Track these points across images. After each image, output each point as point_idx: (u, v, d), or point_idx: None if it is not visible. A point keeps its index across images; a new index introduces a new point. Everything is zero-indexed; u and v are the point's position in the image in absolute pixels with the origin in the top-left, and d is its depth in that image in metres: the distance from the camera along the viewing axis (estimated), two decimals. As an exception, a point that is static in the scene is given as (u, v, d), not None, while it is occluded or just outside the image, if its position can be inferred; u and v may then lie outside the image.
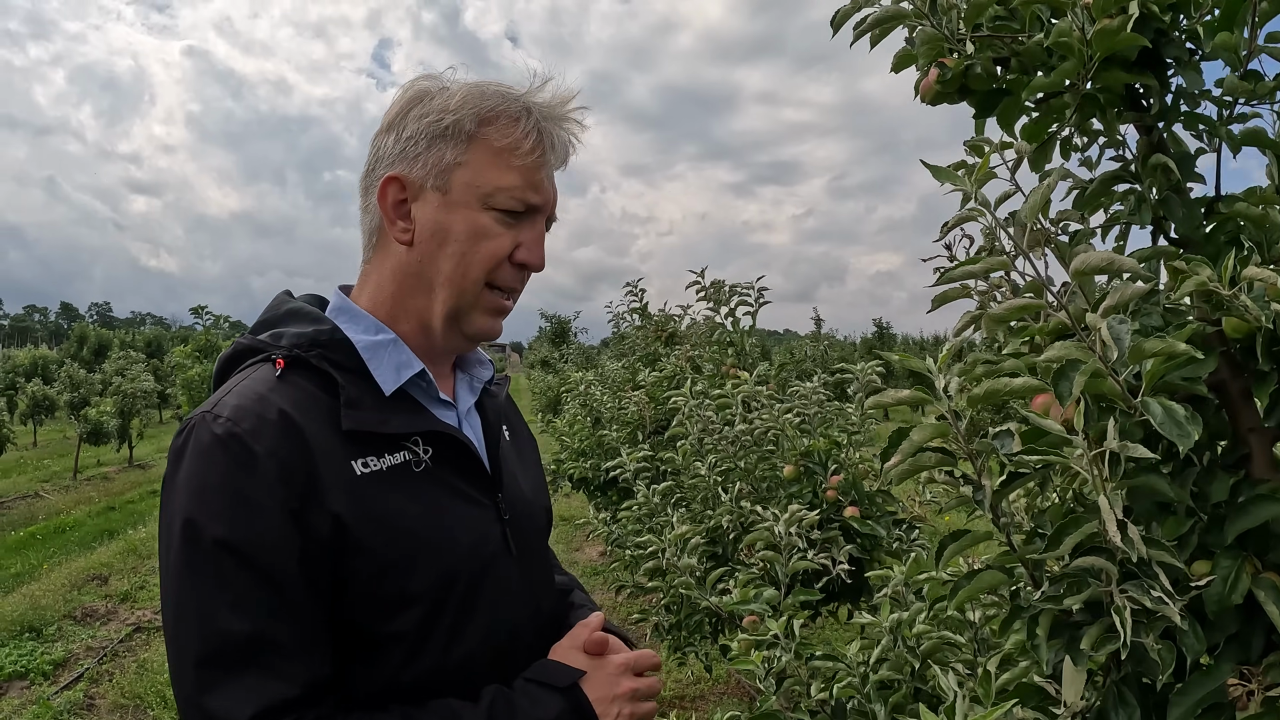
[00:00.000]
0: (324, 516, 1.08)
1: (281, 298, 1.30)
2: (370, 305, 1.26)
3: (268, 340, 1.20)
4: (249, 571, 1.04)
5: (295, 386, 1.14)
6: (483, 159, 1.20)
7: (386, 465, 1.15)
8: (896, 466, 1.19)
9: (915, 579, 2.24)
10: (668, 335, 6.40)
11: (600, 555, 8.31)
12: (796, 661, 2.03)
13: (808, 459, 3.27)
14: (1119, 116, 1.50)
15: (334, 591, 1.10)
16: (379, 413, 1.16)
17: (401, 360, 1.22)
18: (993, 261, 1.09)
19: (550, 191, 1.26)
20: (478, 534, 1.22)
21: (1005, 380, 1.15)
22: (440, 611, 1.16)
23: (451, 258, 1.20)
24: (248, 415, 1.09)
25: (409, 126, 1.21)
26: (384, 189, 1.22)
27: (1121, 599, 1.09)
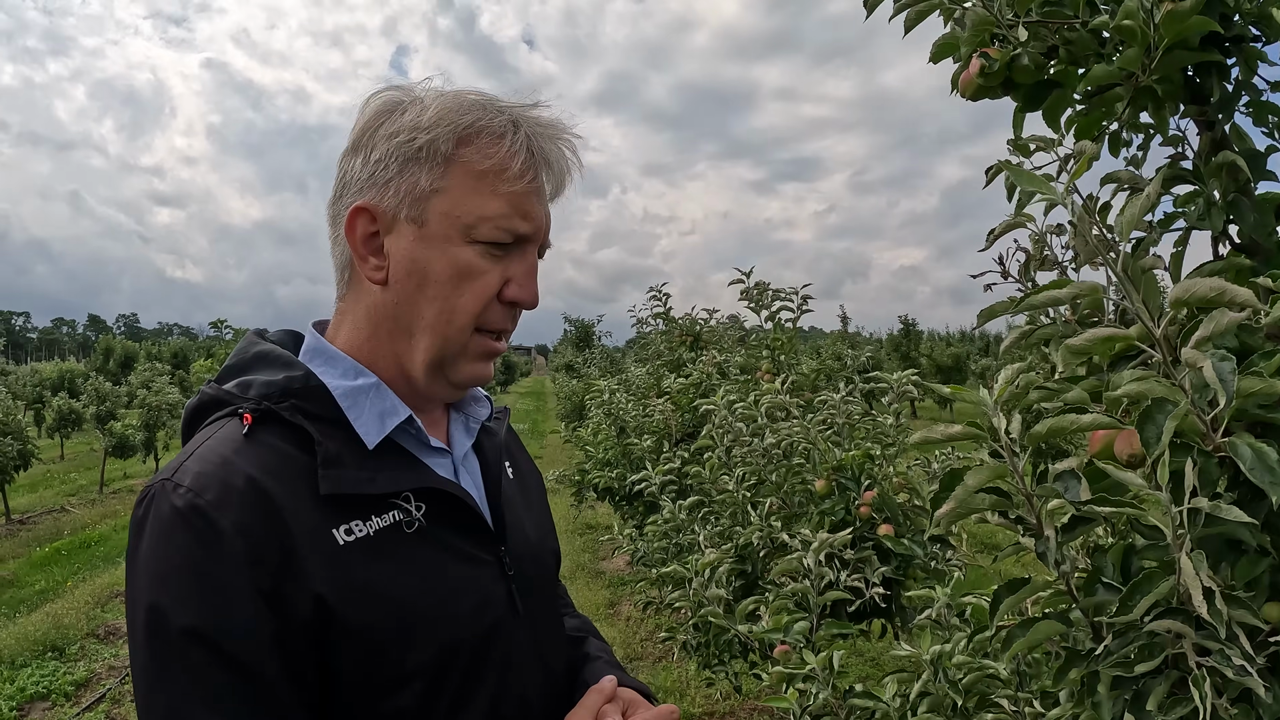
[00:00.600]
0: (303, 597, 0.95)
1: (250, 339, 1.16)
2: (348, 346, 1.12)
3: (234, 390, 1.07)
4: (221, 663, 0.92)
5: (265, 446, 1.01)
6: (463, 184, 1.05)
7: (374, 530, 1.02)
8: (948, 514, 1.07)
9: (958, 601, 2.13)
10: (693, 339, 6.29)
11: (627, 565, 8.21)
12: (834, 696, 1.91)
13: (840, 473, 3.15)
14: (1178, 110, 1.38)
15: (320, 677, 0.98)
16: (362, 470, 1.03)
17: (385, 407, 1.08)
18: (1082, 286, 0.97)
19: (542, 217, 1.11)
20: (480, 597, 1.10)
21: (1072, 418, 1.03)
22: (441, 687, 1.03)
23: (433, 301, 1.06)
24: (211, 484, 0.96)
25: (378, 147, 1.07)
26: (352, 221, 1.08)
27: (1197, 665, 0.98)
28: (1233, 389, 0.86)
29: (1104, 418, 1.03)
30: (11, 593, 8.58)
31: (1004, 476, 1.07)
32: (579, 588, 7.91)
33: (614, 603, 7.43)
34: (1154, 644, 1.03)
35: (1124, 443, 1.18)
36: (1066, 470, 1.08)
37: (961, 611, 2.16)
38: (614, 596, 7.57)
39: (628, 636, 6.48)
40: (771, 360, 4.75)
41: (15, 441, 11.67)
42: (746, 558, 3.27)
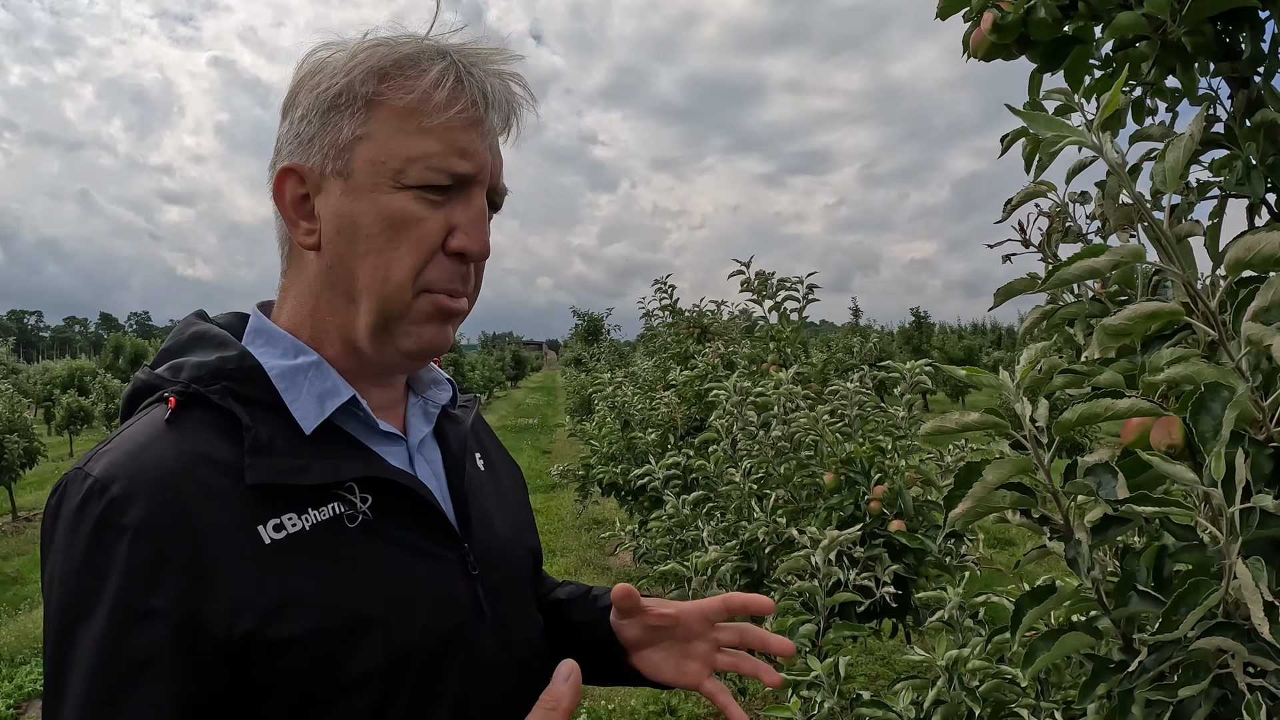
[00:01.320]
0: (219, 608, 0.83)
1: (189, 320, 1.05)
2: (290, 324, 1.01)
3: (166, 374, 0.96)
4: (119, 685, 0.81)
5: (187, 433, 0.90)
6: (387, 126, 0.94)
7: (310, 524, 0.90)
8: (964, 513, 0.94)
9: (971, 601, 2.01)
10: (700, 332, 6.18)
11: (634, 562, 8.12)
12: (840, 705, 1.79)
13: (849, 467, 3.02)
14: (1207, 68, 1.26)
15: (246, 697, 0.86)
16: (298, 458, 0.92)
17: (326, 388, 0.96)
18: (1123, 252, 0.83)
19: (484, 154, 0.97)
20: (437, 598, 0.97)
21: (1106, 403, 0.90)
22: (392, 698, 0.91)
23: (366, 258, 0.94)
24: (120, 475, 0.85)
25: (301, 103, 0.96)
26: (279, 185, 0.98)
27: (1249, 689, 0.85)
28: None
29: (1143, 402, 0.90)
30: (15, 590, 8.54)
31: (1028, 471, 0.95)
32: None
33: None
34: (1199, 664, 0.91)
35: (1162, 432, 1.05)
36: (1099, 464, 0.96)
37: (975, 613, 2.04)
38: (621, 593, 7.48)
39: (634, 634, 6.38)
40: (778, 351, 4.64)
41: (21, 439, 11.63)
42: (752, 555, 3.15)
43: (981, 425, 0.97)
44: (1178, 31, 1.14)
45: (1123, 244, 0.83)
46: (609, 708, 5.15)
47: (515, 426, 23.06)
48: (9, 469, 11.47)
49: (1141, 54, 1.28)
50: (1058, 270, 0.86)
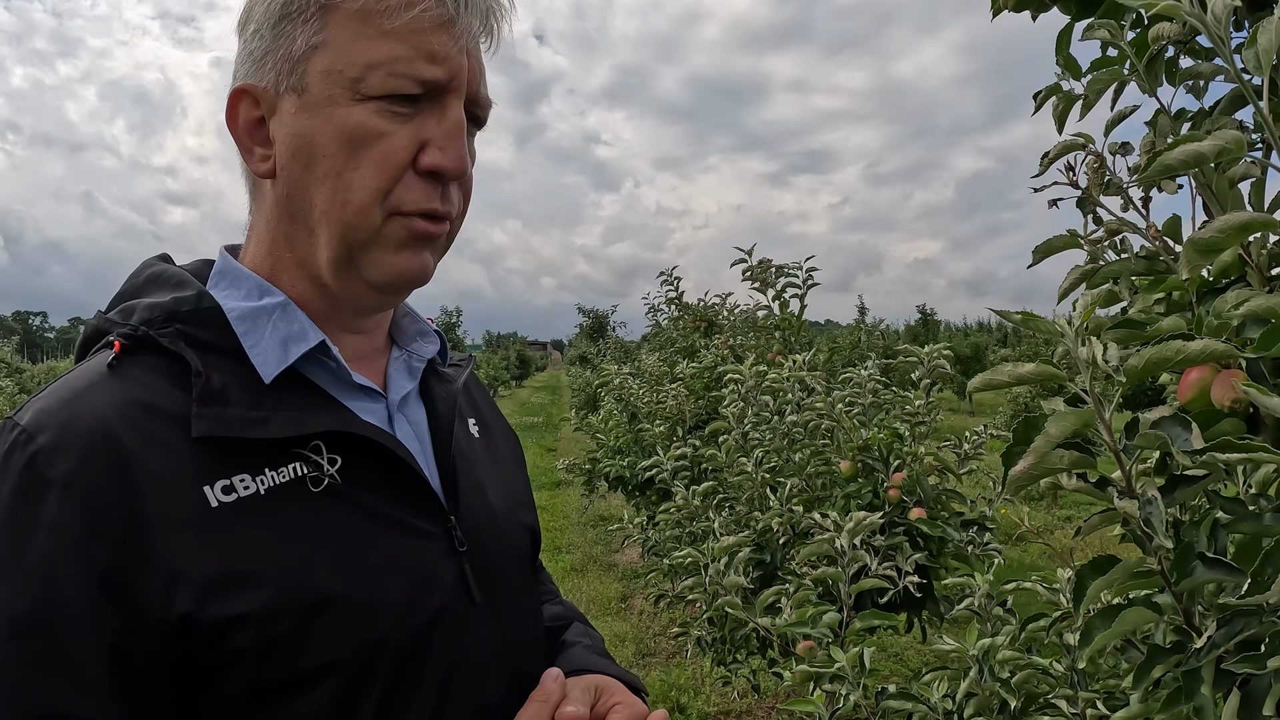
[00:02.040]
0: (156, 578, 0.73)
1: (149, 261, 0.94)
2: (253, 263, 0.91)
3: (116, 318, 0.86)
4: (35, 664, 0.71)
5: (131, 380, 0.80)
6: (344, 31, 0.82)
7: (265, 486, 0.80)
8: (1026, 471, 0.84)
9: (1000, 590, 1.91)
10: (707, 325, 6.10)
11: (640, 558, 8.04)
12: (866, 699, 1.70)
13: (866, 454, 2.93)
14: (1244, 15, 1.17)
15: (184, 685, 0.75)
16: (254, 409, 0.81)
17: (291, 331, 0.85)
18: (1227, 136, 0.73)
19: (458, 58, 0.85)
20: (417, 577, 0.86)
21: (1177, 345, 0.81)
22: (361, 691, 0.80)
23: (323, 181, 0.83)
24: (48, 425, 0.75)
25: (253, 19, 0.86)
26: (232, 108, 0.87)
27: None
28: None
29: (1218, 344, 0.81)
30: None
31: (1090, 424, 0.85)
32: (591, 581, 7.71)
33: (626, 596, 7.24)
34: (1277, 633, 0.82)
35: (1224, 387, 0.97)
36: (1167, 417, 0.86)
37: (1004, 601, 1.95)
38: (626, 590, 7.38)
39: (640, 632, 6.29)
40: (782, 341, 4.56)
41: (23, 437, 11.63)
42: (765, 546, 3.06)
43: (1037, 376, 0.88)
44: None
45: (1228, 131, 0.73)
46: (617, 705, 5.05)
47: (520, 425, 23.02)
48: (11, 467, 11.47)
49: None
50: (1159, 155, 0.76)
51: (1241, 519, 0.95)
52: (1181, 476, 0.89)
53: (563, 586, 7.51)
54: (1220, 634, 0.91)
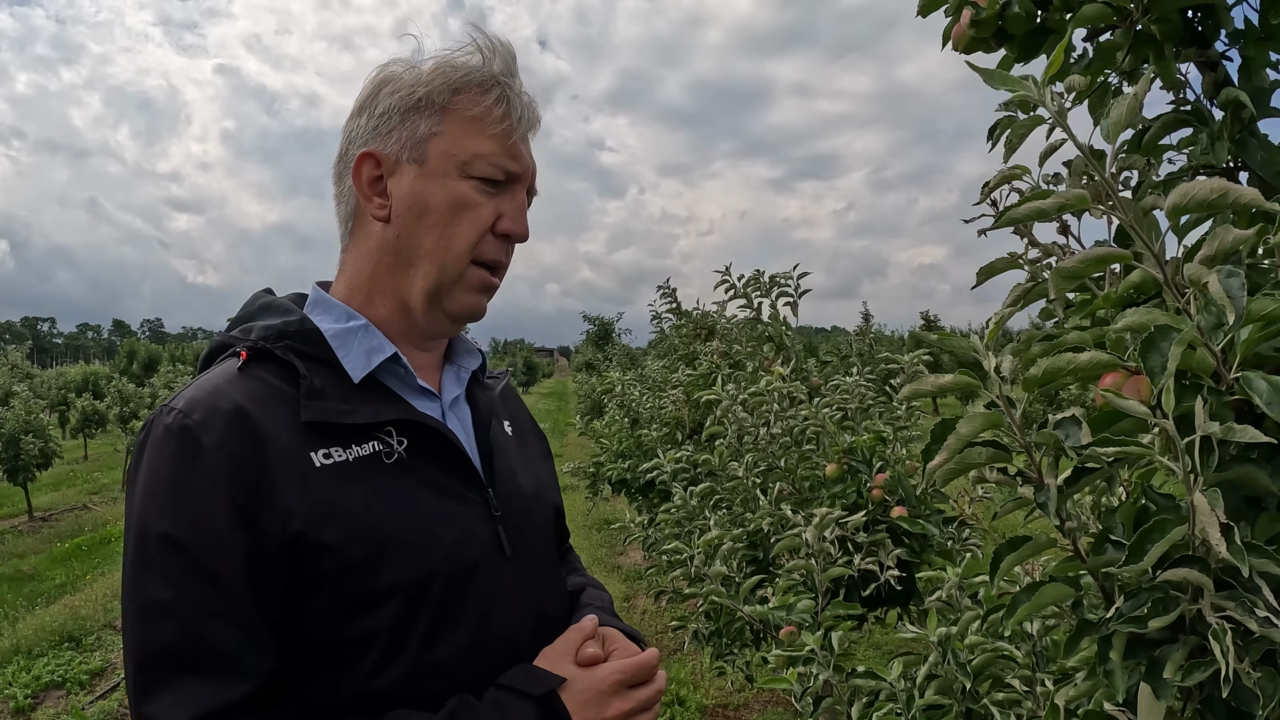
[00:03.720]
0: (275, 514, 1.02)
1: (258, 295, 1.26)
2: (345, 293, 1.22)
3: (238, 335, 1.16)
4: (192, 570, 0.99)
5: (256, 379, 1.10)
6: (458, 128, 1.16)
7: (353, 457, 1.09)
8: (941, 466, 1.00)
9: (970, 582, 2.05)
10: (707, 332, 6.22)
11: (644, 559, 8.17)
12: (837, 677, 1.84)
13: (851, 456, 3.07)
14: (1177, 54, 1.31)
15: (291, 593, 1.03)
16: (344, 402, 1.11)
17: (372, 345, 1.16)
18: (1070, 195, 0.89)
19: (529, 160, 1.22)
20: (460, 531, 1.14)
21: (1068, 357, 0.96)
22: (414, 615, 1.07)
23: (433, 230, 1.16)
24: (199, 407, 1.04)
25: (380, 104, 1.18)
26: (359, 166, 1.18)
27: (1218, 620, 0.90)
28: (1242, 305, 0.79)
29: (1103, 355, 0.95)
30: (32, 586, 8.64)
31: (999, 425, 1.00)
32: (596, 582, 7.85)
33: (630, 596, 7.39)
34: (1169, 599, 0.96)
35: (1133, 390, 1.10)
36: (1067, 417, 1.01)
37: (974, 593, 2.09)
38: (630, 590, 7.53)
39: (643, 629, 6.43)
40: (776, 349, 4.68)
41: (37, 440, 11.77)
42: (758, 544, 3.20)
43: (955, 385, 1.03)
44: (1144, 20, 1.19)
45: (1071, 190, 0.89)
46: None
47: (526, 431, 23.04)
48: (25, 469, 11.61)
49: (1115, 43, 1.33)
50: (1006, 212, 0.92)
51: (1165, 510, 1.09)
52: (1084, 469, 1.04)
53: (567, 588, 7.64)
54: (1128, 605, 1.05)
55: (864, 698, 1.83)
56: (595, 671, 1.13)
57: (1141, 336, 0.89)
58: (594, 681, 1.12)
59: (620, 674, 1.14)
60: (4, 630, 7.14)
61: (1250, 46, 1.27)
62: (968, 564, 2.13)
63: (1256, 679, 0.91)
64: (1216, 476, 0.90)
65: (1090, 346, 1.00)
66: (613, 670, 1.14)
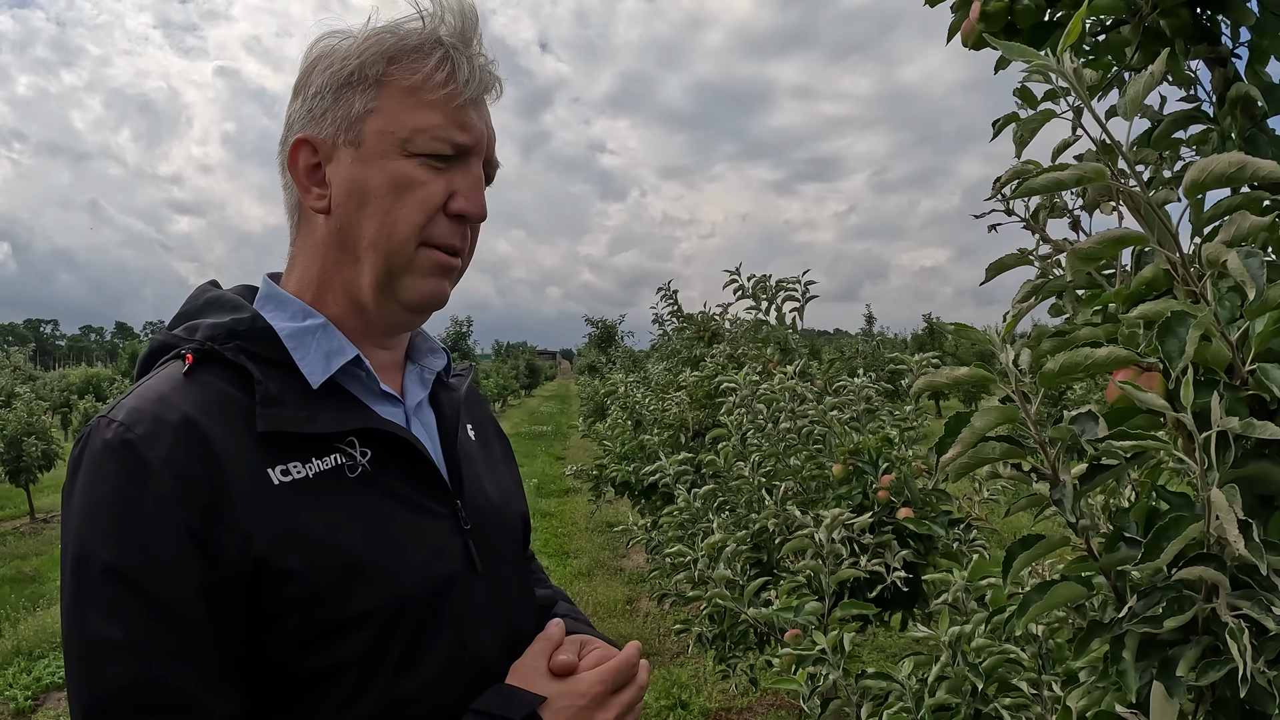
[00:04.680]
0: (233, 537, 0.91)
1: (203, 288, 1.14)
2: (297, 288, 1.10)
3: (181, 334, 1.05)
4: (142, 604, 0.89)
5: (204, 385, 0.99)
6: (396, 102, 1.04)
7: (313, 472, 0.99)
8: (955, 460, 0.99)
9: (977, 584, 2.04)
10: (710, 335, 6.22)
11: (647, 561, 8.16)
12: (846, 679, 1.83)
13: (857, 457, 3.06)
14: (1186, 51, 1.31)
15: (254, 624, 0.94)
16: (304, 409, 1.00)
17: (332, 347, 1.05)
18: (1088, 168, 0.88)
19: (481, 129, 1.09)
20: (431, 548, 1.05)
21: (1085, 352, 0.95)
22: (388, 641, 0.99)
23: (374, 216, 1.04)
24: (143, 419, 0.93)
25: (314, 83, 1.07)
26: (294, 155, 1.07)
27: (1234, 619, 0.89)
28: (1263, 282, 0.78)
29: (1120, 350, 0.95)
30: (34, 588, 8.63)
31: (1014, 419, 0.99)
32: (598, 585, 7.84)
33: (632, 599, 7.37)
34: (1183, 598, 0.95)
35: (1147, 387, 1.09)
36: (1083, 413, 1.00)
37: (981, 595, 2.08)
38: (633, 593, 7.52)
39: (646, 632, 6.42)
40: (780, 351, 4.69)
41: (40, 442, 11.77)
42: (762, 545, 3.19)
43: (970, 377, 1.02)
44: (1153, 15, 1.18)
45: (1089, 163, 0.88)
46: (621, 703, 5.18)
47: (530, 434, 23.13)
48: (28, 470, 11.61)
49: (1124, 39, 1.33)
50: (1025, 181, 0.91)
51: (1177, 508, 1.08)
52: (1100, 466, 1.03)
53: (570, 590, 7.64)
54: (1141, 604, 1.04)
55: (872, 699, 1.82)
56: (575, 684, 1.06)
57: (1157, 325, 0.88)
58: (575, 695, 1.05)
59: (601, 684, 1.06)
60: (5, 631, 7.12)
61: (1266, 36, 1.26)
62: (974, 565, 2.12)
63: (1272, 678, 0.91)
64: (1232, 473, 0.89)
65: (1104, 341, 1.00)
66: (593, 682, 1.06)
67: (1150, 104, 1.46)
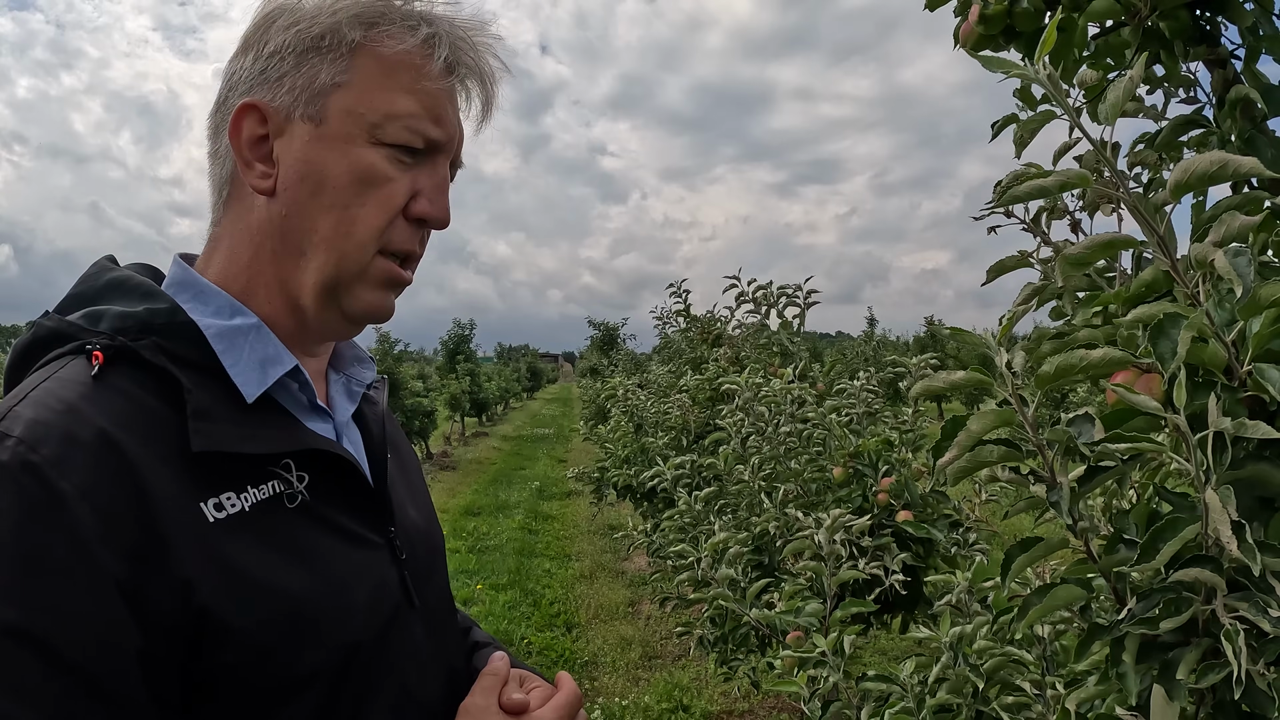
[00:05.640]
0: (167, 584, 0.75)
1: (102, 264, 0.94)
2: (221, 278, 0.93)
3: (81, 323, 0.86)
4: (57, 675, 0.70)
5: (118, 393, 0.80)
6: (370, 77, 0.89)
7: (250, 504, 0.83)
8: (952, 463, 0.99)
9: (980, 586, 2.04)
10: (714, 337, 6.23)
11: (649, 564, 8.17)
12: (846, 682, 1.83)
13: (857, 460, 3.07)
14: (1186, 53, 1.31)
15: (192, 692, 0.78)
16: (238, 426, 0.84)
17: (268, 354, 0.89)
18: (1071, 173, 0.88)
19: (456, 125, 0.96)
20: (373, 585, 0.92)
21: (1081, 354, 0.95)
22: (339, 694, 0.85)
23: (329, 210, 0.89)
24: (50, 437, 0.74)
25: (272, 40, 0.90)
26: (237, 120, 0.90)
27: (1230, 620, 0.89)
28: (1250, 280, 0.78)
29: (1115, 352, 0.95)
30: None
31: (1011, 422, 0.99)
32: (599, 587, 7.85)
33: (634, 602, 7.37)
34: (1181, 600, 0.95)
35: (1144, 388, 1.09)
36: (1080, 415, 1.00)
37: (983, 597, 2.08)
38: (634, 596, 7.52)
39: (646, 635, 6.42)
40: (781, 356, 4.69)
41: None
42: (763, 548, 3.19)
43: (967, 381, 1.02)
44: (1152, 17, 1.18)
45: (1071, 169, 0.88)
46: (623, 704, 5.18)
47: (531, 436, 23.13)
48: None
49: (1124, 41, 1.33)
50: (1008, 189, 0.91)
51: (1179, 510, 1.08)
52: (1098, 468, 1.03)
53: (572, 593, 7.65)
54: (1140, 606, 1.04)
55: (874, 701, 1.82)
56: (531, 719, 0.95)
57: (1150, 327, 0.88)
58: None
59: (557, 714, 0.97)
60: None
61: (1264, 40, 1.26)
62: (977, 568, 2.12)
63: (1271, 680, 0.90)
64: (1229, 474, 0.89)
65: (1102, 343, 1.00)
66: (549, 712, 0.96)
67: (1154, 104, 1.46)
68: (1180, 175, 0.83)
